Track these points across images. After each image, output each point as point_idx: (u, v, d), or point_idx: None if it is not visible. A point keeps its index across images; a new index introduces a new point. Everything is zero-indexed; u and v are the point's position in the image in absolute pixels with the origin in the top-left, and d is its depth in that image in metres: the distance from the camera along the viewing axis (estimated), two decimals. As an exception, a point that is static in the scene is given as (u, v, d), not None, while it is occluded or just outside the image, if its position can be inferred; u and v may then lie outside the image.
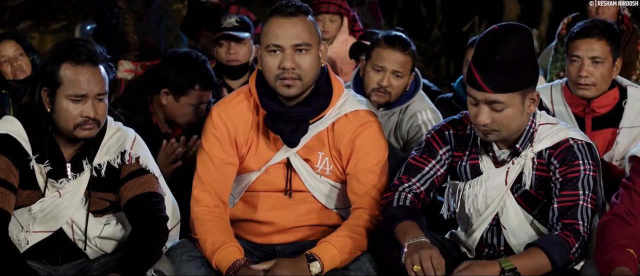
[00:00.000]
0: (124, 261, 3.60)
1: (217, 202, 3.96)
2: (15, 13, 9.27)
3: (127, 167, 3.80)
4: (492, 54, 3.61)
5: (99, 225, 3.81)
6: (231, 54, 5.71)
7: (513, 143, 3.80)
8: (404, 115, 4.83)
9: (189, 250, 3.88)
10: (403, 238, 3.63)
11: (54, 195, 3.72)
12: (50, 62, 3.65)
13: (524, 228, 3.84)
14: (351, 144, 3.96)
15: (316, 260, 3.77)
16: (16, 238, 3.71)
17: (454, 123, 3.94)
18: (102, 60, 3.71)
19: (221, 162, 3.97)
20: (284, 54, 3.80)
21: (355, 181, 3.97)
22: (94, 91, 3.65)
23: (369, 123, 3.99)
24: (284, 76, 3.81)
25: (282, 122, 3.88)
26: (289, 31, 3.80)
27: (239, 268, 3.77)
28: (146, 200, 3.77)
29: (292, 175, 4.00)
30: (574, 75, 4.38)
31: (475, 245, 3.91)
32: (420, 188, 3.90)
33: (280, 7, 3.84)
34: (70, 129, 3.67)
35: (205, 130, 4.03)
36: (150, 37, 6.27)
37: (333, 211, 4.07)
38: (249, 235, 4.08)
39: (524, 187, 3.81)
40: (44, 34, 9.32)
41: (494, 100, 3.65)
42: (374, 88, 4.73)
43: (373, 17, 7.50)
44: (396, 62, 4.71)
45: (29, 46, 5.69)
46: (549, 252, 3.59)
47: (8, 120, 3.76)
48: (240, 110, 3.99)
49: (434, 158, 3.92)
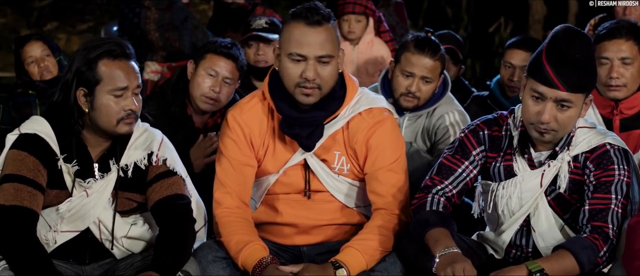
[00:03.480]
0: (160, 260, 3.61)
1: (238, 204, 3.97)
2: (42, 14, 9.32)
3: (154, 169, 3.81)
4: (571, 49, 3.59)
5: (126, 225, 3.82)
6: (259, 55, 5.71)
7: (553, 146, 3.78)
8: (432, 117, 4.81)
9: (214, 250, 3.89)
10: (434, 246, 3.62)
11: (81, 195, 3.74)
12: (85, 62, 3.66)
13: (553, 231, 3.82)
14: (366, 143, 3.95)
15: (342, 267, 3.77)
16: (44, 238, 3.72)
17: (489, 123, 3.92)
18: (133, 55, 3.75)
19: (239, 163, 3.98)
20: (306, 63, 3.79)
21: (374, 181, 3.96)
22: (134, 83, 3.69)
23: (383, 120, 3.97)
24: (304, 85, 3.81)
25: (297, 127, 3.88)
26: (313, 41, 3.79)
27: (265, 266, 3.78)
28: (174, 201, 3.77)
29: (310, 176, 4.00)
30: (604, 77, 4.35)
31: (505, 246, 3.90)
32: (453, 190, 3.88)
33: (304, 13, 3.81)
34: (113, 125, 3.69)
35: (222, 134, 4.05)
36: (172, 34, 6.28)
37: (354, 210, 4.06)
38: (273, 237, 4.08)
39: (559, 190, 3.79)
40: (70, 35, 9.37)
41: (564, 98, 3.62)
42: (403, 93, 4.71)
43: (399, 18, 7.47)
44: (425, 67, 4.69)
45: (56, 47, 5.72)
46: (577, 255, 3.57)
47: (36, 120, 3.77)
48: (255, 113, 4.00)
49: (467, 159, 3.90)
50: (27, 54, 5.56)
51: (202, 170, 4.64)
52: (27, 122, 3.78)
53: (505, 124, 3.88)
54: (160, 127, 3.99)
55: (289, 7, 9.93)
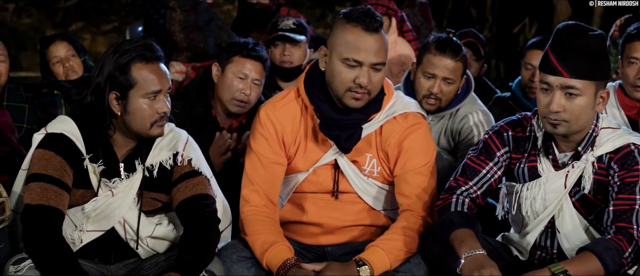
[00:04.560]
0: (182, 261, 3.62)
1: (266, 202, 3.97)
2: (67, 14, 9.36)
3: (179, 169, 3.82)
4: (573, 39, 3.60)
5: (151, 224, 3.83)
6: (285, 55, 5.70)
7: (575, 146, 3.77)
8: (455, 117, 4.80)
9: (239, 250, 3.89)
10: (459, 247, 3.61)
11: (106, 195, 3.75)
12: (117, 66, 3.67)
13: (578, 232, 3.80)
14: (399, 146, 3.94)
15: (366, 265, 3.77)
16: (70, 237, 3.74)
17: (513, 124, 3.91)
18: (163, 56, 3.77)
19: (269, 161, 3.97)
20: (361, 69, 3.78)
21: (403, 182, 3.95)
22: (165, 86, 3.71)
23: (417, 125, 3.98)
24: (356, 90, 3.80)
25: (337, 129, 3.88)
26: (370, 48, 3.77)
27: (289, 267, 3.78)
28: (198, 201, 3.78)
29: (339, 176, 4.00)
30: (632, 78, 4.33)
31: (529, 248, 3.88)
32: (477, 191, 3.88)
33: (362, 18, 3.78)
34: (147, 127, 3.71)
35: (253, 130, 4.03)
36: (196, 35, 6.29)
37: (381, 212, 4.06)
38: (298, 237, 4.08)
39: (583, 191, 3.78)
40: (95, 35, 9.41)
41: (569, 85, 3.62)
42: (425, 95, 4.69)
43: (423, 19, 7.48)
44: (446, 68, 4.66)
45: (81, 47, 5.73)
46: (601, 256, 3.55)
47: (62, 119, 3.79)
48: (288, 111, 3.99)
49: (491, 160, 3.89)
50: (52, 54, 5.57)
51: (225, 170, 4.64)
52: (53, 121, 3.80)
53: (529, 125, 3.87)
54: (184, 127, 3.99)
55: (313, 7, 9.95)
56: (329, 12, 10.09)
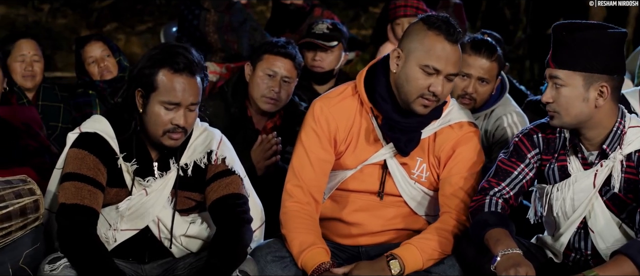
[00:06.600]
0: (209, 264, 3.62)
1: (309, 199, 3.95)
2: (101, 15, 9.39)
3: (213, 168, 3.83)
4: (561, 32, 3.65)
5: (185, 223, 3.84)
6: (316, 60, 5.62)
7: (599, 144, 3.75)
8: (490, 118, 4.78)
9: (274, 250, 3.89)
10: (495, 246, 3.60)
11: (140, 193, 3.77)
12: (149, 65, 3.67)
13: (612, 231, 3.78)
14: (451, 151, 3.95)
15: (396, 259, 3.76)
16: (104, 236, 3.75)
17: (543, 127, 3.90)
18: (200, 69, 3.73)
19: (317, 158, 3.96)
20: (437, 78, 3.78)
21: (446, 184, 3.96)
22: (188, 101, 3.67)
23: (471, 133, 3.99)
24: (428, 97, 3.80)
25: (399, 132, 3.87)
26: (452, 58, 3.79)
27: (323, 271, 3.77)
28: (231, 201, 3.78)
29: (386, 178, 3.99)
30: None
31: (562, 249, 3.86)
32: (510, 192, 3.87)
33: (445, 27, 3.79)
34: (159, 134, 3.70)
35: (305, 124, 4.01)
36: (231, 36, 6.30)
37: (422, 218, 4.05)
38: (334, 236, 4.07)
39: (613, 189, 3.75)
40: (129, 36, 9.43)
41: (553, 75, 3.68)
42: (459, 95, 4.67)
43: (458, 20, 7.45)
44: (481, 68, 4.64)
45: (116, 47, 5.76)
46: (634, 258, 3.52)
47: (97, 119, 3.81)
48: (343, 107, 3.97)
49: (522, 161, 3.88)
50: (88, 54, 5.60)
51: (265, 173, 4.63)
52: (87, 120, 3.81)
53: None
54: (219, 128, 3.99)
55: (347, 8, 9.94)
56: (363, 13, 10.07)
